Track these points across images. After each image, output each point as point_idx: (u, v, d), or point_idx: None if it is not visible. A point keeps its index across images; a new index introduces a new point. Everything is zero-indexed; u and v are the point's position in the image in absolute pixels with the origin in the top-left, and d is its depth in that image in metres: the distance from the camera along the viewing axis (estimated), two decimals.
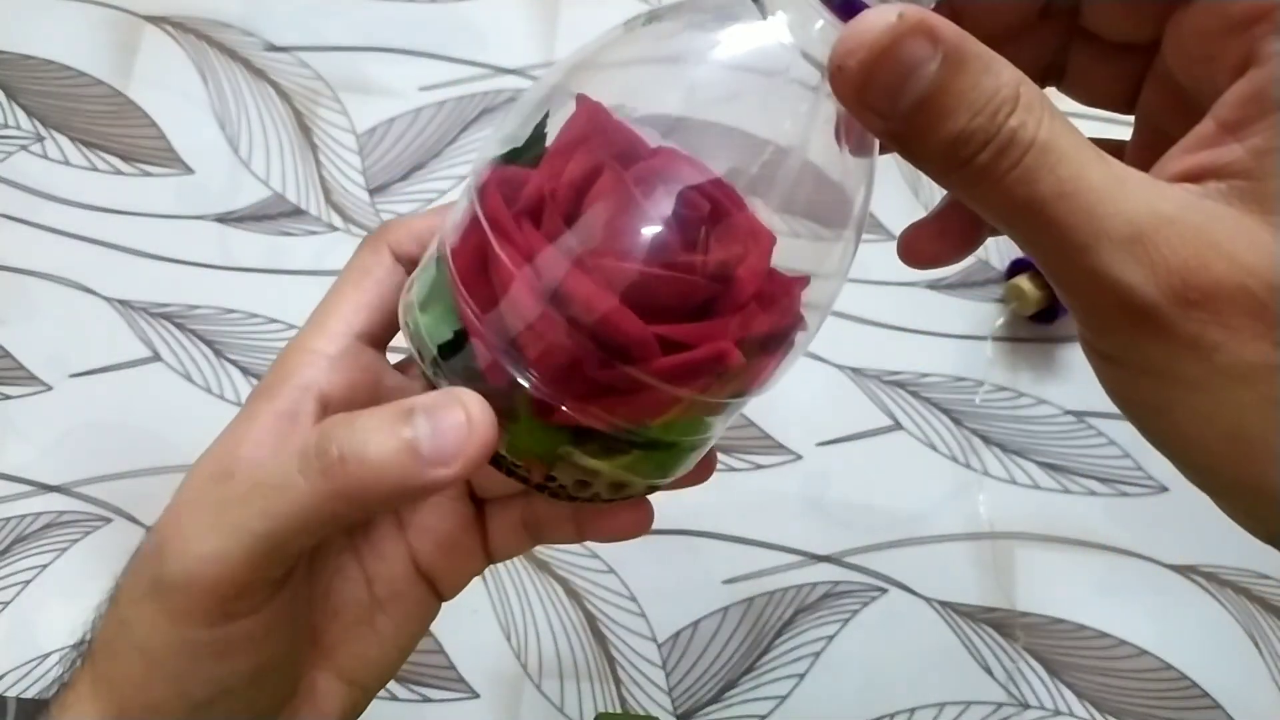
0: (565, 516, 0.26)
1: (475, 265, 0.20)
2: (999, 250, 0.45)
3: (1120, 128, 0.21)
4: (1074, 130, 0.16)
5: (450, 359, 0.21)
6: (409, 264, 0.25)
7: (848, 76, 0.16)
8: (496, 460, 0.22)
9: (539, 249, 0.19)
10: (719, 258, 0.19)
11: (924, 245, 0.22)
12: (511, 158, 0.20)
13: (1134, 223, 0.15)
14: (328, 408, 0.23)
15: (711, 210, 0.19)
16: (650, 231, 0.19)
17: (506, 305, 0.20)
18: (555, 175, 0.19)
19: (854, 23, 0.16)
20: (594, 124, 0.20)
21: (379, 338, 0.25)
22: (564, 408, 0.20)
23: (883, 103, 0.16)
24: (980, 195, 0.16)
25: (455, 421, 0.19)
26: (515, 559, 0.41)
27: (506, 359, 0.20)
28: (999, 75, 0.15)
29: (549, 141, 0.20)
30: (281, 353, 0.24)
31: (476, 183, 0.21)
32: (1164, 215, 0.15)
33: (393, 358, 0.26)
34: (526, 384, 0.20)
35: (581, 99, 0.20)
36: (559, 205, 0.19)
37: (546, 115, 0.20)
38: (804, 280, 0.21)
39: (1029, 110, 0.15)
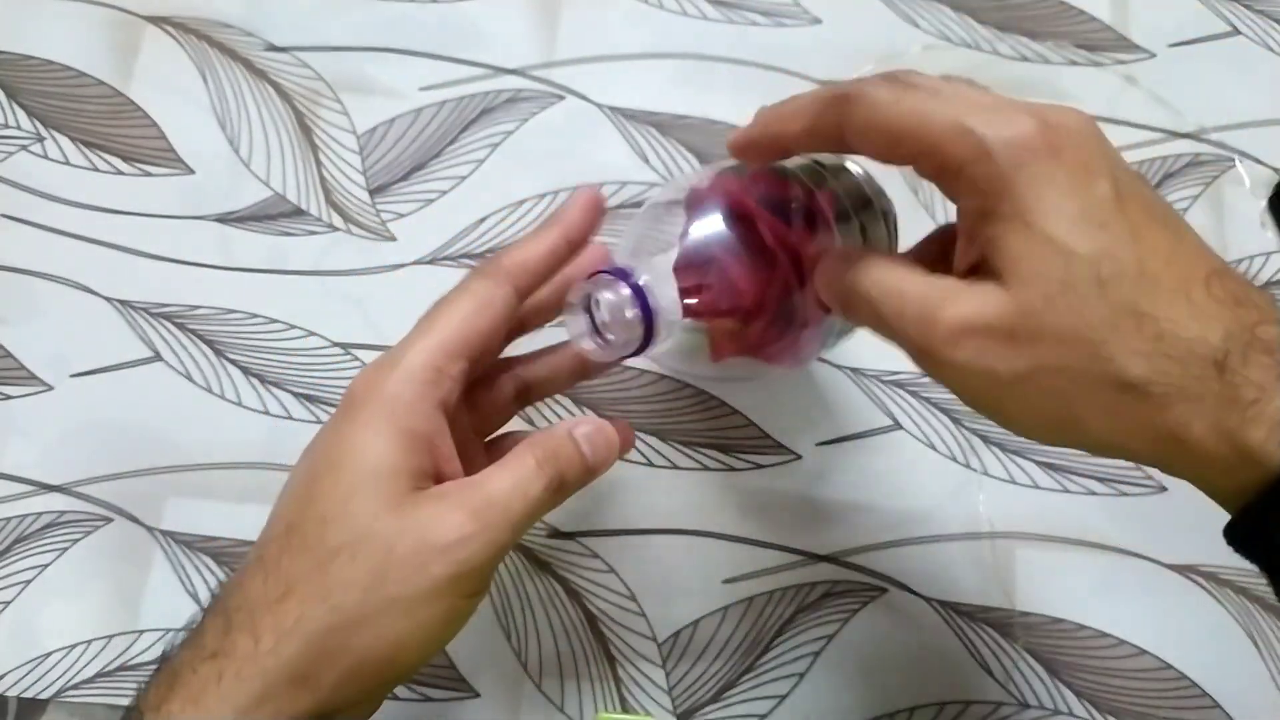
0: (554, 376, 0.35)
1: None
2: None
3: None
4: (890, 263, 0.28)
5: None
6: (522, 296, 0.31)
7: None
8: None
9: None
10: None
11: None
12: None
13: (919, 302, 0.26)
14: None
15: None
16: None
17: None
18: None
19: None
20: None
21: (479, 363, 0.31)
22: None
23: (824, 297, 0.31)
24: (857, 317, 0.29)
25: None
26: (514, 559, 0.41)
27: None
28: (832, 259, 0.30)
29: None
30: (393, 360, 0.29)
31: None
32: (935, 297, 0.26)
33: None
34: None
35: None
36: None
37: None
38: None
39: (856, 269, 0.28)
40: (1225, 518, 0.25)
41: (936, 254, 0.30)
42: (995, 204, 0.25)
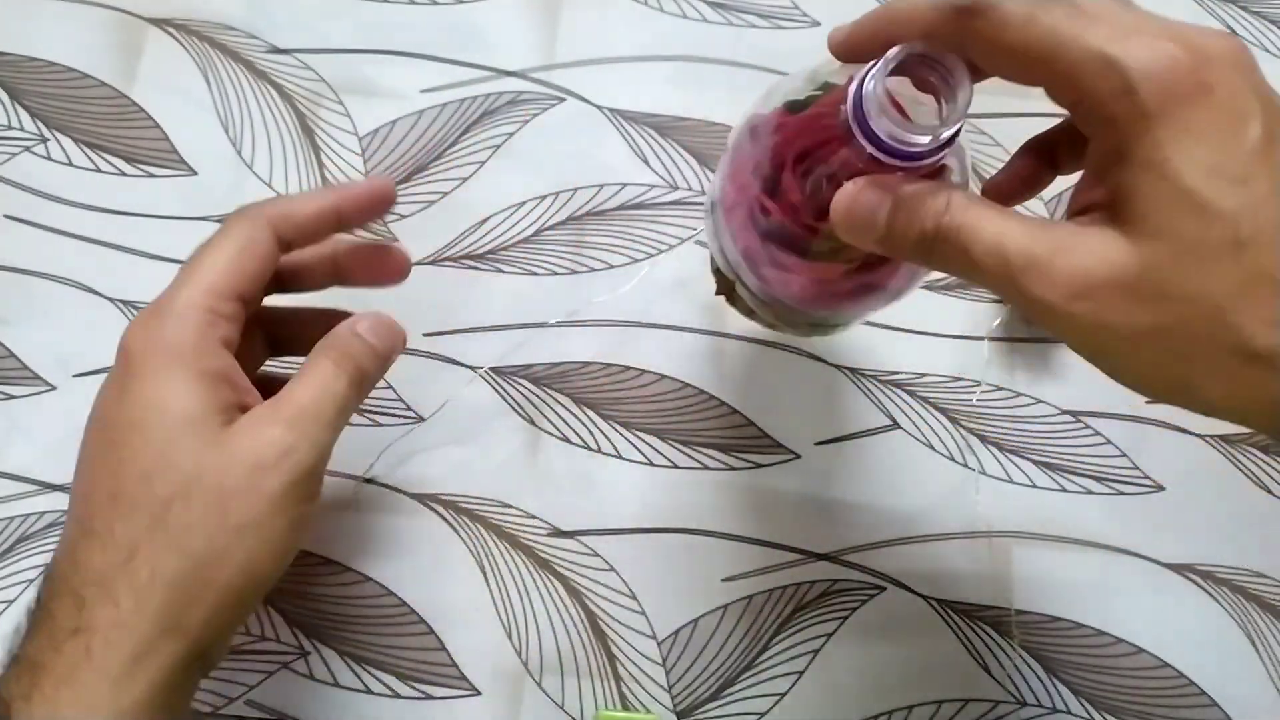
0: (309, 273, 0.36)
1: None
2: None
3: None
4: (986, 207, 0.24)
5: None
6: (283, 247, 0.32)
7: (839, 231, 0.26)
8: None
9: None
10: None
11: (1001, 191, 0.31)
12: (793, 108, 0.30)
13: (1026, 254, 0.23)
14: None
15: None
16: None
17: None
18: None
19: (836, 196, 0.26)
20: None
21: (249, 305, 0.31)
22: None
23: (864, 238, 0.26)
24: (938, 265, 0.25)
25: None
26: (515, 558, 0.41)
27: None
28: (923, 196, 0.25)
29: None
30: (164, 309, 0.30)
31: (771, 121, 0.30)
32: (1042, 248, 0.23)
33: None
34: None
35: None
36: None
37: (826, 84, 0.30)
38: None
39: (950, 210, 0.24)
40: (1224, 518, 0.24)
41: (1017, 186, 0.30)
42: (1132, 147, 0.22)
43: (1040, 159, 0.30)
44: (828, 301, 0.33)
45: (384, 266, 0.36)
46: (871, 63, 0.25)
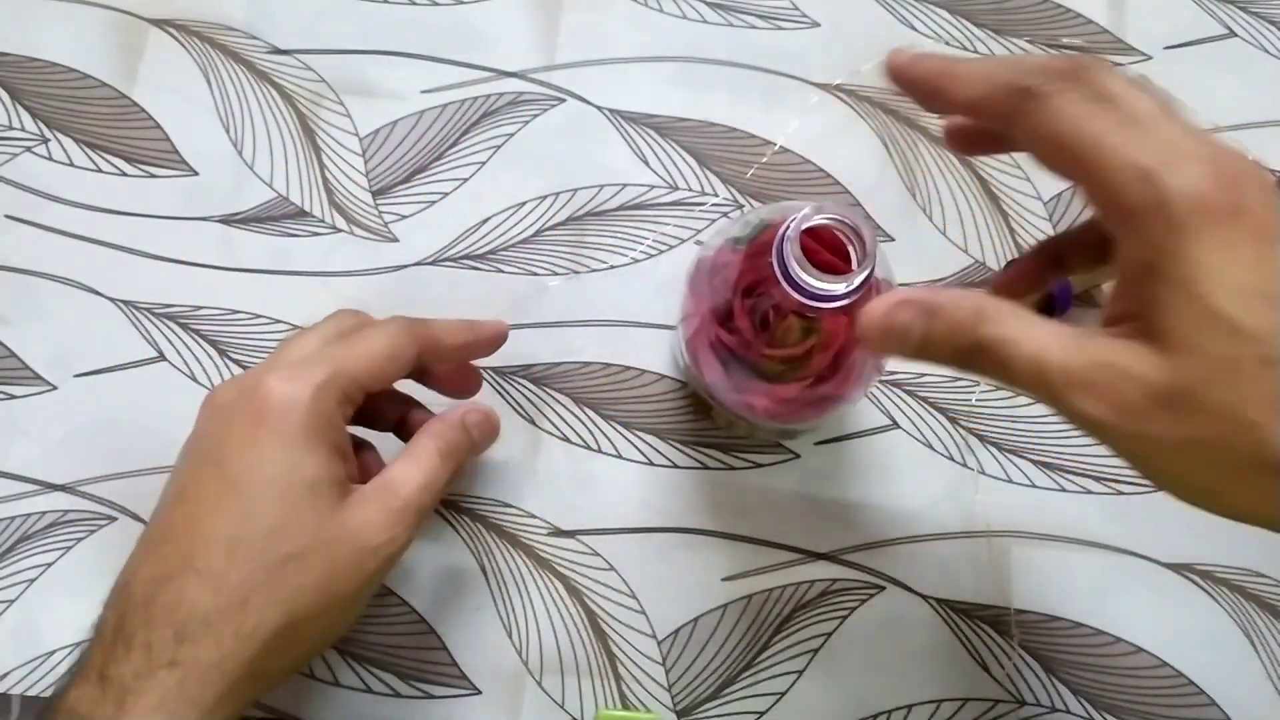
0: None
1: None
2: (995, 253, 0.45)
3: None
4: (1021, 318, 0.25)
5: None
6: (421, 364, 0.35)
7: (869, 345, 0.26)
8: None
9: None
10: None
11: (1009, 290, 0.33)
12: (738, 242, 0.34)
13: (1064, 370, 0.24)
14: None
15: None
16: None
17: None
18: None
19: (863, 312, 0.26)
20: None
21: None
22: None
23: (897, 350, 0.26)
24: (975, 373, 0.26)
25: None
26: (515, 557, 0.41)
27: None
28: (957, 308, 0.25)
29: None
30: (320, 372, 0.32)
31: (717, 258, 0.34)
32: (1080, 364, 0.23)
33: None
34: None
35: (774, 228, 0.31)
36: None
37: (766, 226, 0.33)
38: None
39: (986, 322, 0.25)
40: (1221, 516, 0.25)
41: (1024, 286, 0.32)
42: (1164, 263, 0.23)
43: (1049, 262, 0.31)
44: (791, 414, 0.37)
45: (468, 385, 0.40)
46: (791, 218, 0.28)
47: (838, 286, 0.28)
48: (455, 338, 0.36)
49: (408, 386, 0.38)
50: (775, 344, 0.32)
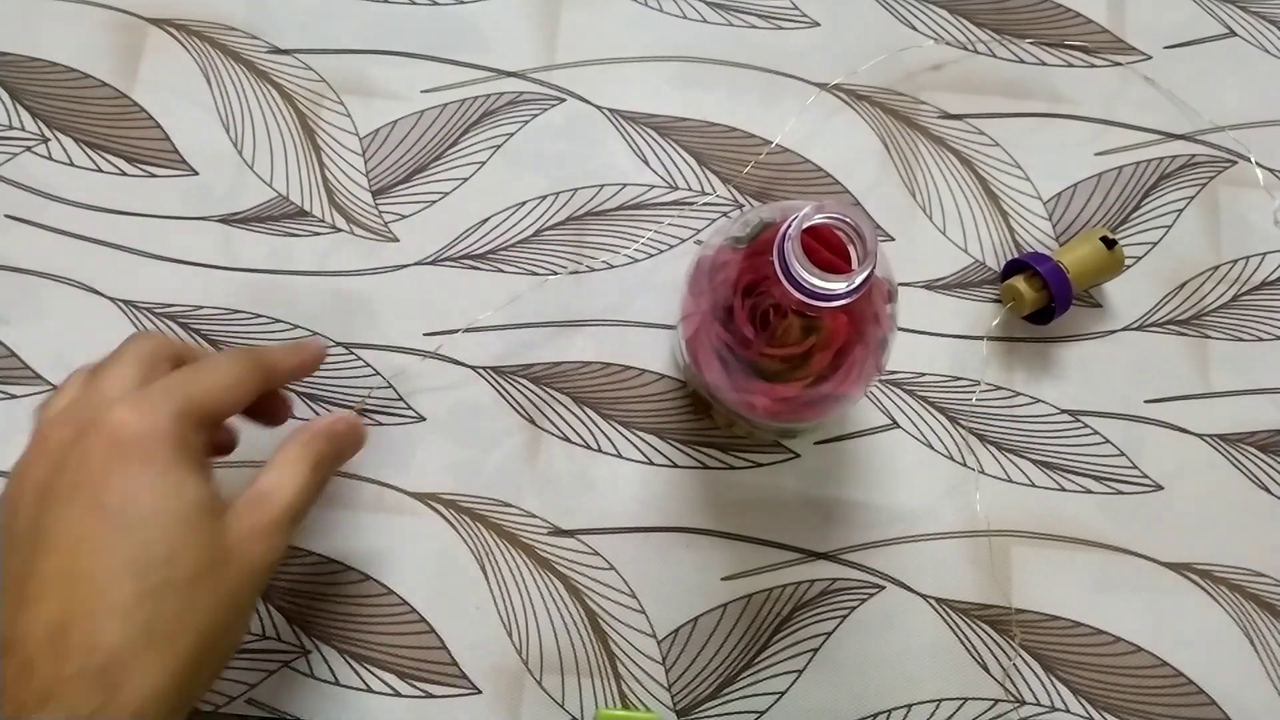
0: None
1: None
2: (995, 251, 0.45)
3: None
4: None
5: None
6: (260, 389, 0.35)
7: None
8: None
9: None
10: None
11: None
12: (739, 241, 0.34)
13: None
14: None
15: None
16: None
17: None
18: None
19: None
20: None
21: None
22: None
23: None
24: None
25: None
26: (515, 557, 0.41)
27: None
28: None
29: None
30: (170, 400, 0.32)
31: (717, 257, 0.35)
32: None
33: None
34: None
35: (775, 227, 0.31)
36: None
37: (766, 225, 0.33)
38: None
39: None
40: (1223, 517, 0.24)
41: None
42: None
43: None
44: (792, 413, 0.37)
45: (280, 413, 0.39)
46: (792, 217, 0.29)
47: (839, 285, 0.28)
48: (288, 360, 0.37)
49: None
50: (776, 343, 0.32)
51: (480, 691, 0.40)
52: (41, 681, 0.27)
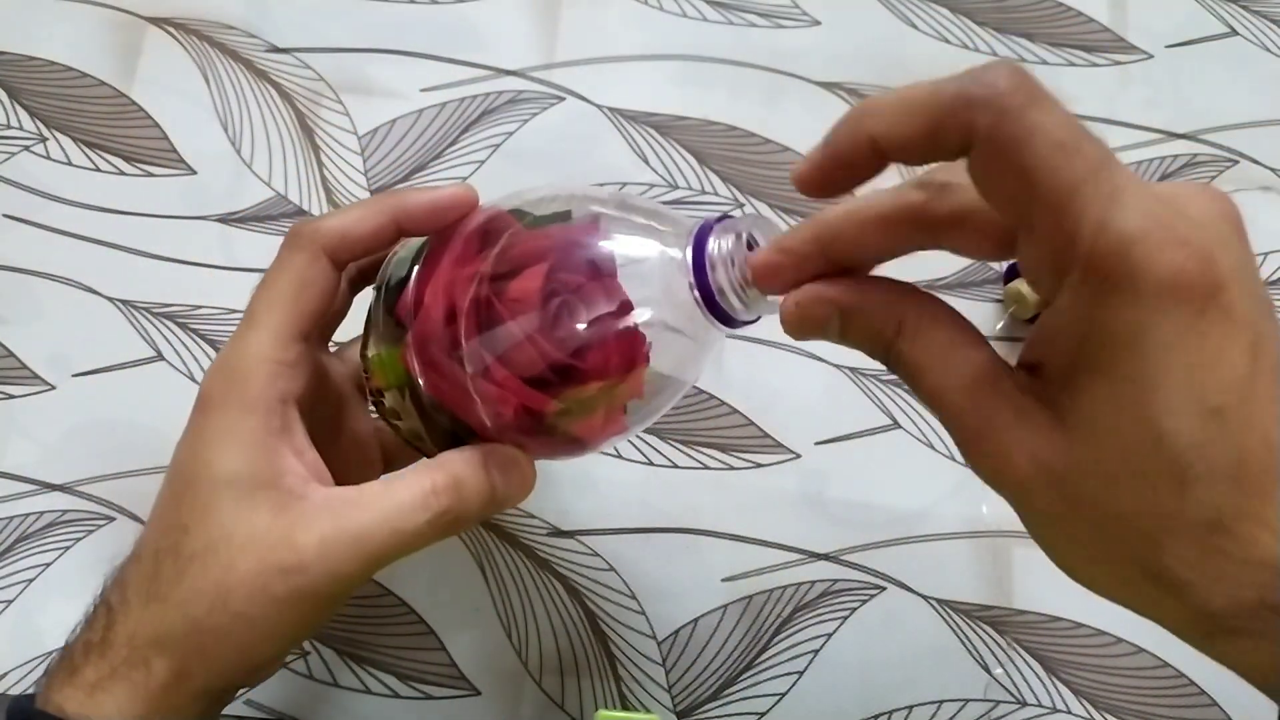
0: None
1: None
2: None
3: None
4: (931, 343, 0.24)
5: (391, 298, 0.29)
6: (340, 268, 0.30)
7: (789, 330, 0.25)
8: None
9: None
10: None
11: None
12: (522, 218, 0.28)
13: (959, 424, 0.24)
14: (299, 412, 0.29)
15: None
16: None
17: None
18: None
19: (785, 299, 0.25)
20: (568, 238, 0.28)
21: (322, 338, 0.32)
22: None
23: (818, 339, 0.25)
24: (895, 373, 0.25)
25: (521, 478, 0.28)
26: (514, 558, 0.41)
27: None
28: (873, 317, 0.24)
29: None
30: (230, 360, 0.28)
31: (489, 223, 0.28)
32: (976, 421, 0.23)
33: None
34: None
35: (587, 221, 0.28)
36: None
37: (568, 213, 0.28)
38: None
39: (902, 337, 0.24)
40: None
41: (872, 233, 0.25)
42: (1110, 347, 0.20)
43: (912, 226, 0.24)
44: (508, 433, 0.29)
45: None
46: (703, 222, 0.26)
47: (751, 317, 0.27)
48: (369, 222, 0.29)
49: None
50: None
51: (479, 693, 0.40)
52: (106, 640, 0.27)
